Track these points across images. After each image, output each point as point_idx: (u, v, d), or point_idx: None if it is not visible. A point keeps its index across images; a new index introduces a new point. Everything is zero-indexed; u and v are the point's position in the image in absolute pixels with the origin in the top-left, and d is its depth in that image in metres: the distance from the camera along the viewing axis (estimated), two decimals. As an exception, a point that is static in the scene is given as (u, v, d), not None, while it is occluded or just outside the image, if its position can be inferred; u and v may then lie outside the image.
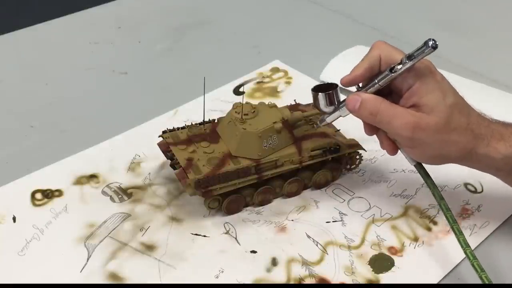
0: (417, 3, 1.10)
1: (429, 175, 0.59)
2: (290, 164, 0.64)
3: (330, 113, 0.60)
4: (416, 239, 0.62)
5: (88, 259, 0.59)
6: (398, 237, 0.62)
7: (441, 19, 1.04)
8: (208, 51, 0.95)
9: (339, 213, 0.65)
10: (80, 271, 0.58)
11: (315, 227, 0.63)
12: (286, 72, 0.89)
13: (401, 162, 0.72)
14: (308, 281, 0.58)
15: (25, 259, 0.59)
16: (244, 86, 0.85)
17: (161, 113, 0.79)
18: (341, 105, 0.59)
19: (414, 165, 0.59)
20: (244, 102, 0.64)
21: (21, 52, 0.95)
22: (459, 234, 0.56)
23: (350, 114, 0.58)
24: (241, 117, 0.63)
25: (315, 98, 0.59)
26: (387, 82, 0.55)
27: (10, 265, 0.59)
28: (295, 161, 0.64)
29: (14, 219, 0.63)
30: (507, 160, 0.55)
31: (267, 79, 0.87)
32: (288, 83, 0.87)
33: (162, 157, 0.68)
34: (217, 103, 0.81)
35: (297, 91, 0.85)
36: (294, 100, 0.72)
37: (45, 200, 0.66)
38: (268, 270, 0.59)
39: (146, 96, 0.84)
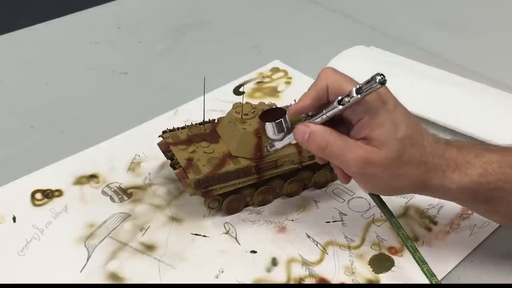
0: (417, 3, 1.10)
1: (384, 204, 0.57)
2: (290, 164, 0.64)
3: (280, 140, 0.57)
4: (416, 239, 0.62)
5: (88, 259, 0.59)
6: (398, 237, 0.62)
7: (441, 19, 1.04)
8: (208, 51, 0.95)
9: (339, 213, 0.65)
10: (80, 271, 0.58)
11: (315, 227, 0.63)
12: (286, 72, 0.89)
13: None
14: (308, 281, 0.58)
15: (25, 259, 0.59)
16: (244, 86, 0.85)
17: (161, 113, 0.79)
18: (290, 133, 0.56)
19: (369, 194, 0.57)
20: (244, 102, 0.64)
21: (21, 52, 0.95)
22: (422, 264, 0.54)
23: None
24: (241, 117, 0.63)
25: (263, 127, 0.57)
26: (335, 114, 0.52)
27: (10, 265, 0.59)
28: (295, 161, 0.64)
29: (14, 219, 0.63)
30: (462, 190, 0.53)
31: (267, 79, 0.87)
32: (288, 83, 0.87)
33: (162, 157, 0.68)
34: (217, 103, 0.81)
35: (297, 91, 0.84)
36: (294, 100, 0.72)
37: (45, 200, 0.66)
38: (268, 270, 0.59)
39: (146, 96, 0.84)
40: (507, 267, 0.59)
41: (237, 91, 0.84)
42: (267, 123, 0.56)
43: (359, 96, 0.50)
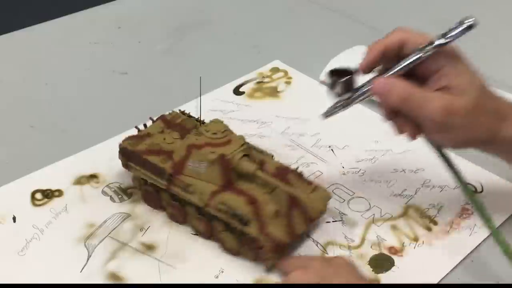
0: (417, 3, 1.10)
1: (451, 164, 0.57)
2: (196, 199, 0.59)
3: (345, 100, 0.57)
4: (416, 239, 0.62)
5: (88, 259, 0.59)
6: (398, 237, 0.62)
7: (441, 19, 1.03)
8: (208, 51, 0.95)
9: (339, 213, 0.65)
10: (80, 271, 0.58)
11: (315, 227, 0.63)
12: (286, 72, 0.89)
13: (401, 162, 0.72)
14: (308, 281, 0.58)
15: (25, 259, 0.59)
16: (244, 86, 0.85)
17: (161, 113, 0.78)
18: (361, 90, 0.56)
19: (438, 152, 0.57)
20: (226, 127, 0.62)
21: (21, 52, 0.95)
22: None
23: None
24: (200, 125, 0.62)
25: (333, 84, 0.56)
26: (415, 63, 0.53)
27: (10, 265, 0.59)
28: (202, 200, 0.58)
29: (14, 219, 0.63)
30: None
31: (267, 79, 0.87)
32: (288, 83, 0.87)
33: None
34: (217, 103, 0.81)
35: (297, 91, 0.85)
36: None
37: (45, 200, 0.66)
38: (268, 270, 0.59)
39: (146, 96, 0.84)
40: (507, 267, 0.59)
41: (237, 91, 0.84)
42: (339, 81, 0.56)
43: (445, 41, 0.51)
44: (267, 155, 0.64)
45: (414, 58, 0.53)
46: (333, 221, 0.64)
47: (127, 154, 0.63)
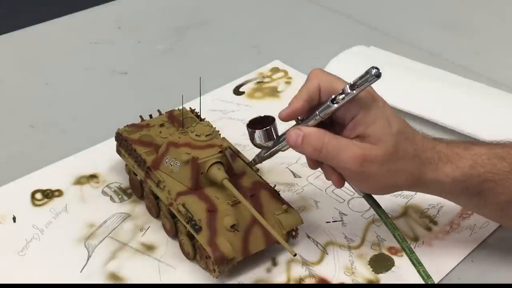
0: (417, 3, 1.10)
1: (379, 205, 0.56)
2: (164, 196, 0.58)
3: (269, 149, 0.57)
4: (416, 239, 0.62)
5: (88, 259, 0.59)
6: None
7: (441, 19, 1.04)
8: (208, 51, 0.95)
9: (339, 213, 0.65)
10: (80, 271, 0.58)
11: (315, 227, 0.63)
12: (286, 72, 0.89)
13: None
14: (308, 281, 0.58)
15: (25, 259, 0.59)
16: (244, 86, 0.85)
17: (161, 113, 0.79)
18: (280, 140, 0.56)
19: (363, 196, 0.56)
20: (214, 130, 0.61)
21: (21, 52, 0.95)
22: (418, 266, 0.53)
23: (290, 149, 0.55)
24: (183, 127, 0.62)
25: (252, 134, 0.56)
26: (329, 113, 0.52)
27: (10, 265, 0.59)
28: (168, 198, 0.58)
29: (14, 219, 0.63)
30: (456, 183, 0.54)
31: (267, 79, 0.87)
32: (288, 83, 0.87)
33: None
34: (217, 103, 0.81)
35: (297, 91, 0.85)
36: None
37: (45, 200, 0.66)
38: (268, 270, 0.59)
39: (146, 96, 0.84)
40: (507, 267, 0.59)
41: (237, 91, 0.84)
42: (256, 130, 0.55)
43: (354, 91, 0.50)
44: (251, 168, 0.62)
45: (327, 108, 0.52)
46: (333, 221, 0.64)
47: (120, 140, 0.65)
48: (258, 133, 0.56)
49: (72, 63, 0.91)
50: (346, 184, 0.54)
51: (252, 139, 0.56)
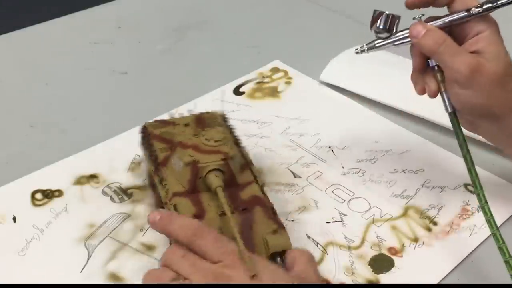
0: (417, 3, 1.10)
1: (461, 130, 0.59)
2: (163, 194, 0.59)
3: (383, 39, 0.60)
4: (416, 240, 0.62)
5: (88, 259, 0.59)
6: (398, 237, 0.62)
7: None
8: (208, 51, 0.95)
9: (339, 213, 0.65)
10: (80, 271, 0.58)
11: (315, 227, 0.63)
12: (286, 72, 0.89)
13: (401, 162, 0.72)
14: (308, 281, 0.58)
15: (25, 259, 0.59)
16: (244, 86, 0.85)
17: (161, 113, 0.79)
18: (398, 34, 0.59)
19: (449, 113, 0.59)
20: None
21: (21, 52, 0.95)
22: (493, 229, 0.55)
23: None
24: (197, 131, 0.62)
25: (378, 16, 0.59)
26: (460, 21, 0.56)
27: (10, 265, 0.59)
28: (164, 197, 0.58)
29: (14, 219, 0.63)
30: None
31: (267, 79, 0.87)
32: (288, 83, 0.87)
33: (162, 157, 0.67)
34: (217, 103, 0.81)
35: (297, 91, 0.85)
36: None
37: (45, 200, 0.66)
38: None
39: (146, 96, 0.84)
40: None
41: (237, 91, 0.84)
42: (384, 12, 0.59)
43: (493, 5, 0.55)
44: (257, 181, 0.60)
45: (460, 16, 0.56)
46: (333, 222, 0.64)
47: (143, 133, 0.65)
48: (384, 16, 0.59)
49: (72, 63, 0.91)
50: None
51: (375, 22, 0.59)
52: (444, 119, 0.76)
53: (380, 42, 0.61)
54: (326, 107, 0.82)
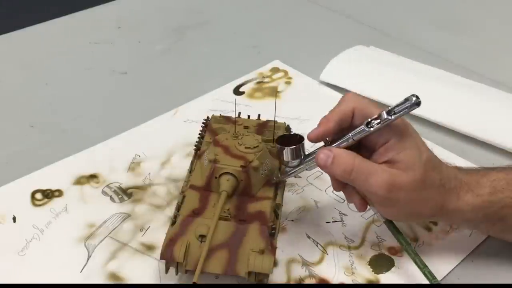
0: (417, 3, 1.10)
1: (400, 232, 0.56)
2: (185, 183, 0.61)
3: (294, 167, 0.57)
4: (416, 239, 0.62)
5: (88, 259, 0.59)
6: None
7: (441, 19, 1.04)
8: (208, 51, 0.95)
9: (339, 213, 0.65)
10: (80, 271, 0.58)
11: (315, 227, 0.63)
12: (286, 72, 0.89)
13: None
14: (308, 281, 0.58)
15: (25, 259, 0.59)
16: (244, 86, 0.85)
17: (161, 113, 0.79)
18: (307, 159, 0.56)
19: (384, 222, 0.57)
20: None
21: (21, 52, 0.95)
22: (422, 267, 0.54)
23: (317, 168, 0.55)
24: (236, 133, 0.62)
25: (281, 151, 0.56)
26: (361, 137, 0.52)
27: (10, 265, 0.59)
28: (184, 187, 0.61)
29: (14, 219, 0.63)
30: (476, 211, 0.54)
31: (267, 79, 0.87)
32: (288, 83, 0.87)
33: (162, 157, 0.68)
34: (217, 103, 0.81)
35: (297, 91, 0.85)
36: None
37: (45, 200, 0.66)
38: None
39: (146, 96, 0.84)
40: (507, 267, 0.59)
41: (237, 91, 0.84)
42: (286, 148, 0.56)
43: (391, 117, 0.50)
44: (275, 198, 0.59)
45: (361, 132, 0.52)
46: (333, 222, 0.64)
47: (204, 123, 0.68)
48: (287, 151, 0.56)
49: (72, 63, 0.91)
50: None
51: (280, 155, 0.57)
52: (444, 118, 0.76)
53: (291, 170, 0.58)
54: (326, 107, 0.81)
